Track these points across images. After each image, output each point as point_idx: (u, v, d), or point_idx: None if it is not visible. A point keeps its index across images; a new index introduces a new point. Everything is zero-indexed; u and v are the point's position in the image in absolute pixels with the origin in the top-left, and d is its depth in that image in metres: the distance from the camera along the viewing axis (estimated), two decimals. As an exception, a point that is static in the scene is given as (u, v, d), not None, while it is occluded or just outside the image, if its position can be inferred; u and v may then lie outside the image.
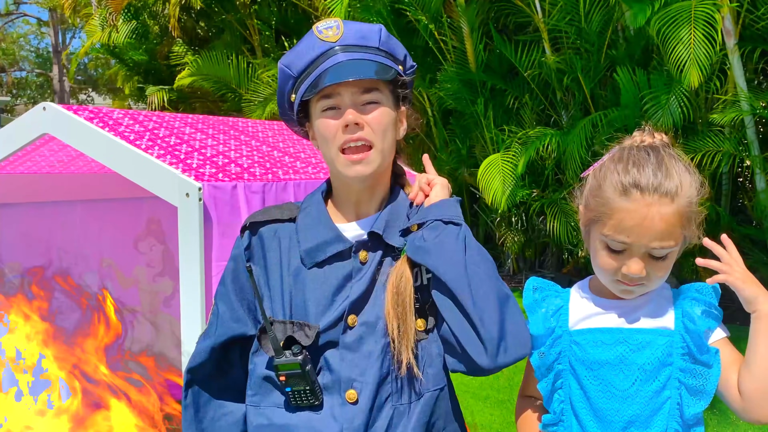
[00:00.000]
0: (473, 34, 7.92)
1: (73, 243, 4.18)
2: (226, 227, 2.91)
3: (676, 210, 1.30)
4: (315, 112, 1.41)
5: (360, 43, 1.40)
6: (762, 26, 6.18)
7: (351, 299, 1.38)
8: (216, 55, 10.73)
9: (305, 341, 1.38)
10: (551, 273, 8.51)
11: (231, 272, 1.51)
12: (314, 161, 3.92)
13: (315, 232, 1.43)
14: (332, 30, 1.40)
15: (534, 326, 1.45)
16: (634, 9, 6.03)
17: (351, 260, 1.40)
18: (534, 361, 1.44)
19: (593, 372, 1.38)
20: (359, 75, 1.35)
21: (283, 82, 1.45)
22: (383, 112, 1.40)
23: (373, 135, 1.38)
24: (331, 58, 1.37)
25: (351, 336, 1.38)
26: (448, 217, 1.38)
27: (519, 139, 7.17)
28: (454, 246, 1.34)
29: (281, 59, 1.45)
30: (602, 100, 7.38)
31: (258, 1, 11.49)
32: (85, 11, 14.47)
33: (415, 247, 1.36)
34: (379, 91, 1.40)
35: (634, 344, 1.36)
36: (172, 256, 4.58)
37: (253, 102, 10.25)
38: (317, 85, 1.36)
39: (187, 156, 3.15)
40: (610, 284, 1.39)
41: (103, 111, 3.32)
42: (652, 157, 1.34)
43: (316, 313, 1.39)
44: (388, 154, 1.42)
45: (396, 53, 1.45)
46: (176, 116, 3.84)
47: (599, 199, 1.35)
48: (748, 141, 6.22)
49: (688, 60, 5.40)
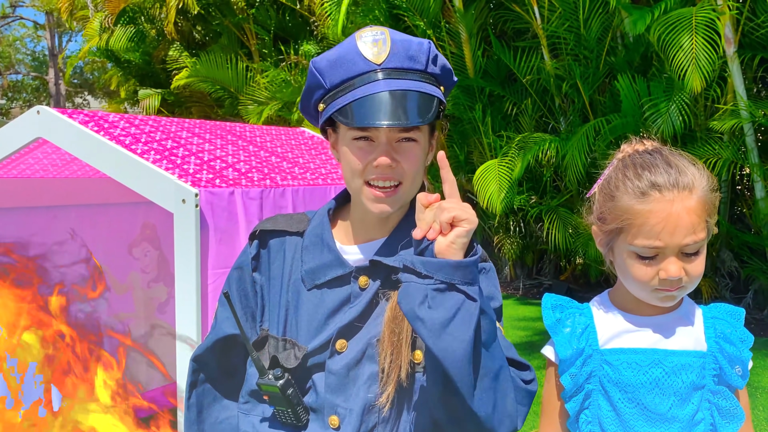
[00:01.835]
0: (471, 39, 7.90)
1: (67, 249, 4.11)
2: (222, 234, 2.86)
3: (698, 200, 1.27)
4: (344, 134, 1.33)
5: (406, 66, 1.29)
6: (762, 34, 6.16)
7: (341, 323, 1.33)
8: (214, 58, 10.70)
9: (292, 362, 1.33)
10: (549, 280, 8.48)
11: (236, 280, 1.46)
12: (312, 167, 3.87)
13: (317, 253, 1.38)
14: (377, 47, 1.28)
15: (561, 348, 1.39)
16: (634, 16, 6.01)
17: (350, 285, 1.35)
18: (566, 383, 1.39)
19: (628, 395, 1.34)
20: (403, 119, 1.24)
21: (313, 87, 1.35)
22: (417, 151, 1.31)
23: (404, 175, 1.30)
24: (370, 84, 1.26)
25: (337, 361, 1.32)
26: (465, 284, 1.16)
27: (516, 145, 7.14)
28: (465, 335, 1.14)
29: (314, 60, 1.33)
30: (601, 107, 7.37)
31: (255, 6, 11.47)
32: (81, 14, 14.44)
33: (413, 313, 1.16)
34: (418, 129, 1.30)
35: (669, 367, 1.32)
36: (167, 261, 4.53)
37: (250, 106, 10.21)
38: (351, 116, 1.26)
39: (184, 161, 3.10)
40: (649, 296, 1.33)
41: (99, 114, 3.27)
42: (657, 157, 1.32)
43: (306, 334, 1.35)
44: (414, 190, 1.35)
45: (439, 71, 1.34)
46: (173, 120, 3.79)
47: (617, 210, 1.31)
48: (747, 149, 6.20)
49: (690, 65, 5.38)
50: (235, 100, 10.87)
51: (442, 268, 1.16)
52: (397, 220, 1.39)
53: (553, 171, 7.67)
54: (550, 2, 7.25)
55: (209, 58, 10.73)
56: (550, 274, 8.65)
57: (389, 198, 1.30)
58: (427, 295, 1.15)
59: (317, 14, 9.00)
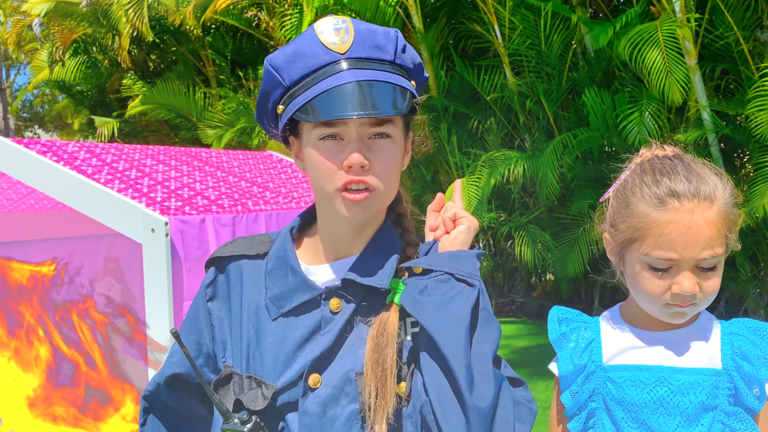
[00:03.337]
0: (434, 59, 7.89)
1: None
2: (194, 264, 2.73)
3: (719, 212, 1.19)
4: (308, 135, 1.17)
5: (373, 56, 1.15)
6: (721, 45, 6.27)
7: (313, 356, 1.17)
8: (171, 85, 10.52)
9: (259, 403, 1.17)
10: (521, 297, 8.45)
11: (190, 315, 1.32)
12: (284, 191, 3.75)
13: (281, 277, 1.23)
14: (339, 35, 1.14)
15: (562, 364, 1.32)
16: (595, 31, 6.06)
17: (320, 309, 1.19)
18: (566, 401, 1.31)
19: (631, 414, 1.26)
20: (373, 110, 1.10)
21: (270, 88, 1.19)
22: (392, 148, 1.17)
23: (377, 180, 1.15)
24: (334, 76, 1.12)
25: (312, 400, 1.16)
26: (464, 274, 1.15)
27: (484, 163, 7.12)
28: (462, 312, 1.11)
29: (269, 58, 1.18)
30: (565, 122, 7.40)
31: (211, 32, 11.33)
32: (30, 46, 14.12)
33: (413, 298, 1.13)
34: (392, 122, 1.16)
35: (675, 386, 1.24)
36: (133, 296, 4.33)
37: (210, 131, 10.04)
38: (315, 112, 1.12)
39: (150, 189, 2.95)
40: (658, 310, 1.25)
41: (57, 144, 3.11)
42: (678, 163, 1.24)
43: (273, 370, 1.19)
44: (390, 195, 1.21)
45: (410, 65, 1.21)
46: (135, 148, 3.63)
47: (632, 218, 1.23)
48: (712, 158, 6.27)
49: (667, 78, 5.43)
50: (194, 127, 10.69)
51: (441, 259, 1.17)
52: (371, 233, 1.23)
53: (521, 188, 7.67)
54: (510, 20, 7.28)
55: (166, 86, 10.54)
56: (522, 292, 8.62)
57: (362, 202, 1.15)
58: (428, 285, 1.14)
59: (276, 38, 8.90)
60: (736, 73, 6.42)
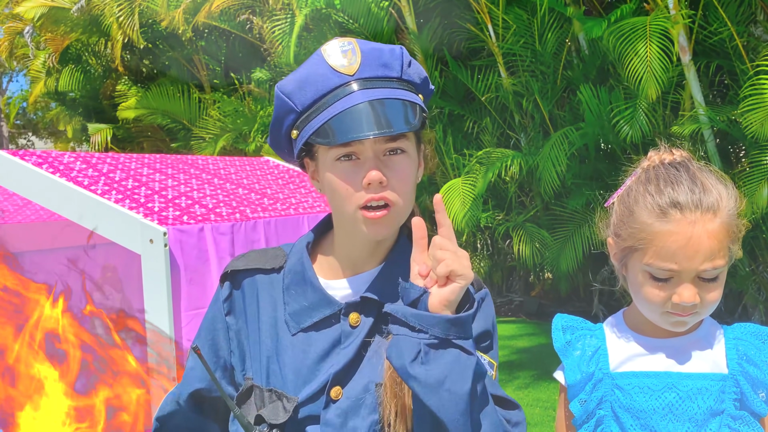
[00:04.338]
0: (428, 60, 7.88)
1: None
2: (193, 273, 2.71)
3: (722, 224, 1.20)
4: (324, 157, 1.19)
5: (381, 74, 1.18)
6: (715, 41, 6.27)
7: (335, 369, 1.19)
8: (165, 90, 10.49)
9: (281, 417, 1.19)
10: (519, 297, 8.44)
11: (206, 328, 1.33)
12: (281, 197, 3.74)
13: (300, 293, 1.25)
14: (347, 57, 1.17)
15: (570, 373, 1.32)
16: (588, 24, 6.06)
17: (340, 324, 1.22)
18: (575, 410, 1.32)
19: (640, 421, 1.26)
20: (388, 128, 1.12)
21: (282, 114, 1.22)
22: (408, 163, 1.19)
23: (395, 195, 1.16)
24: (346, 98, 1.14)
25: (333, 411, 1.18)
26: (462, 342, 1.10)
27: (478, 160, 7.11)
28: (461, 389, 1.08)
29: (280, 85, 1.21)
30: (561, 120, 7.40)
31: (204, 36, 11.31)
32: (21, 52, 14.07)
33: (407, 373, 1.08)
34: (405, 137, 1.18)
35: (683, 391, 1.25)
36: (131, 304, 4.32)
37: (204, 138, 10.01)
38: (331, 135, 1.13)
39: (148, 199, 2.94)
40: (659, 318, 1.26)
41: (53, 155, 3.09)
42: (683, 172, 1.24)
43: (294, 383, 1.21)
44: (408, 208, 1.22)
45: (416, 79, 1.23)
46: (131, 157, 3.62)
47: (634, 226, 1.24)
48: (708, 154, 6.27)
49: (645, 73, 5.43)
50: (189, 131, 10.66)
51: (439, 323, 1.09)
52: (387, 247, 1.26)
53: (518, 187, 7.66)
54: (504, 20, 7.27)
55: (159, 90, 10.51)
56: (520, 291, 8.62)
57: (382, 220, 1.17)
58: (420, 350, 1.09)
59: (268, 41, 8.88)
60: (731, 69, 6.43)
